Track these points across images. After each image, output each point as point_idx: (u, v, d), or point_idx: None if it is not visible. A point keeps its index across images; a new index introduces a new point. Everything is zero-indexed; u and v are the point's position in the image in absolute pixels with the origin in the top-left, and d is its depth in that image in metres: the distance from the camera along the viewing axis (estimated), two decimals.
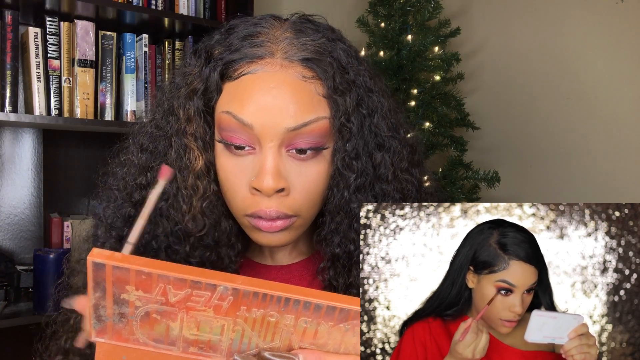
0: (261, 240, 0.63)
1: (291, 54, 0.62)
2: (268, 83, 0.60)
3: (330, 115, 0.62)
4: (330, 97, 0.62)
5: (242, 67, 0.62)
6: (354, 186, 0.65)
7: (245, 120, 0.60)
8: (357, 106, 0.64)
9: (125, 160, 0.69)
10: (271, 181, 0.59)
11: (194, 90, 0.64)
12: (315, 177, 0.63)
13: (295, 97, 0.60)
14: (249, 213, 0.61)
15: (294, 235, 0.64)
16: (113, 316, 0.44)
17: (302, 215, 0.63)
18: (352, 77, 0.65)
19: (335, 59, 0.64)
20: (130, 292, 0.43)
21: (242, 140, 0.61)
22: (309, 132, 0.61)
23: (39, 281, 1.44)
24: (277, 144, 0.60)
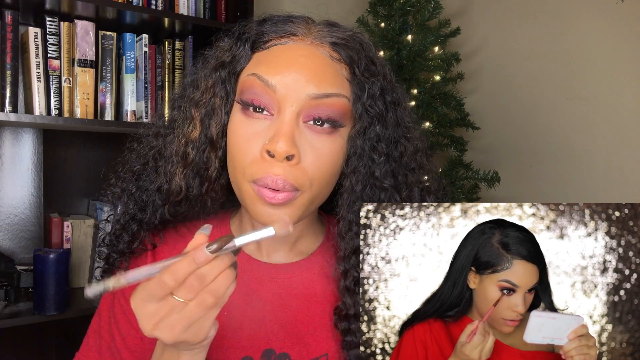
0: (262, 215, 0.62)
1: (321, 37, 0.65)
2: (298, 52, 0.63)
3: (351, 97, 0.64)
4: (355, 81, 0.65)
5: (274, 39, 0.65)
6: (379, 171, 0.66)
7: (270, 82, 0.62)
8: (382, 94, 0.67)
9: (145, 134, 0.74)
10: (284, 145, 0.59)
11: (222, 63, 0.67)
12: (328, 153, 0.63)
13: (322, 69, 0.63)
14: (256, 178, 0.61)
15: (294, 215, 0.63)
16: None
17: (306, 191, 0.62)
18: (378, 68, 0.68)
19: (363, 49, 0.67)
20: None
21: (263, 103, 0.62)
22: (329, 105, 0.62)
23: (39, 281, 1.44)
24: (297, 110, 0.61)
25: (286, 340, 0.68)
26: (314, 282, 0.71)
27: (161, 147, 0.71)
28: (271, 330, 0.68)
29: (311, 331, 0.69)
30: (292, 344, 0.68)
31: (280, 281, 0.71)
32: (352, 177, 0.66)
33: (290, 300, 0.70)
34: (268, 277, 0.71)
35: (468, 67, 2.21)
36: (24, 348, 1.69)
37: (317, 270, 0.72)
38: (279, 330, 0.68)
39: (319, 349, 0.68)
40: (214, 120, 0.66)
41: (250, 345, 0.68)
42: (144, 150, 0.73)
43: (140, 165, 0.72)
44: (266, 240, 0.72)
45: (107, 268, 0.72)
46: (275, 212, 0.62)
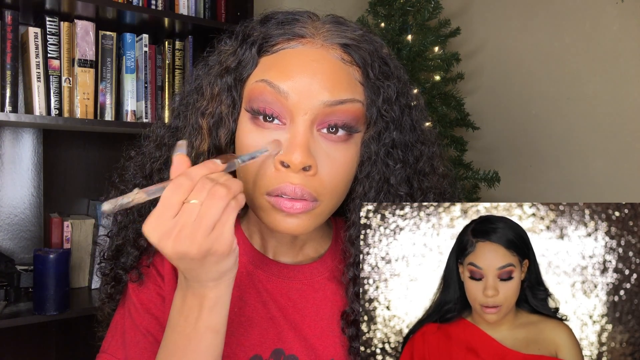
0: (278, 225, 0.60)
1: (331, 38, 0.62)
2: (309, 56, 0.60)
3: (365, 101, 0.62)
4: (369, 84, 0.62)
5: (282, 42, 0.61)
6: (394, 178, 0.64)
7: (281, 88, 0.58)
8: (398, 97, 0.64)
9: (146, 144, 0.71)
10: (300, 155, 0.57)
11: (227, 69, 0.64)
12: (344, 161, 0.61)
13: (334, 74, 0.59)
14: (271, 189, 0.59)
15: (311, 224, 0.61)
16: None
17: (324, 201, 0.61)
18: (392, 70, 0.65)
19: (375, 50, 0.64)
20: None
21: (275, 112, 0.59)
22: (343, 112, 0.59)
23: (39, 281, 1.44)
24: (310, 118, 0.59)
25: (295, 342, 0.67)
26: (324, 286, 0.70)
27: (167, 159, 0.67)
28: (281, 330, 0.67)
29: (318, 335, 0.68)
30: (301, 347, 0.67)
31: (290, 282, 0.70)
32: (365, 182, 0.64)
33: (299, 302, 0.69)
34: (279, 277, 0.70)
35: (468, 67, 2.21)
36: (24, 348, 1.69)
37: (327, 274, 0.71)
38: (288, 332, 0.67)
39: (326, 353, 0.67)
40: (222, 130, 0.64)
41: (260, 344, 0.66)
42: (145, 161, 0.70)
43: (142, 178, 0.69)
44: (273, 243, 0.71)
45: (114, 284, 0.70)
46: (293, 220, 0.60)
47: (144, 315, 0.67)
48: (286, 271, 0.70)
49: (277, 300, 0.69)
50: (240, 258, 0.71)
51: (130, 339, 0.66)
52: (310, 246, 0.73)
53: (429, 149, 0.68)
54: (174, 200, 0.49)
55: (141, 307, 0.67)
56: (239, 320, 0.67)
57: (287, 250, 0.71)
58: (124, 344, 0.66)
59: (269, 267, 0.70)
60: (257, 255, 0.71)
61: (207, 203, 0.48)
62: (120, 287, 0.70)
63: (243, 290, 0.69)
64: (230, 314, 0.68)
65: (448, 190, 0.70)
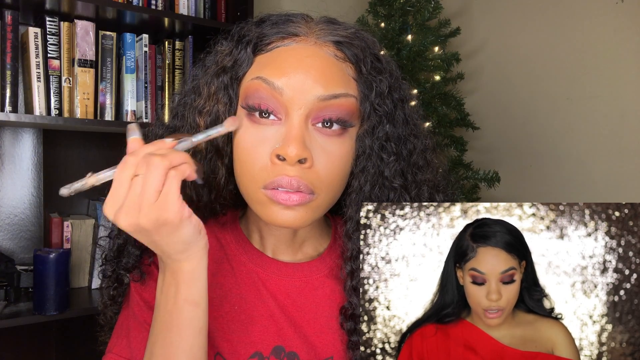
0: (276, 218, 0.61)
1: (324, 36, 0.64)
2: (302, 53, 0.62)
3: (358, 96, 0.63)
4: (362, 79, 0.63)
5: (276, 41, 0.64)
6: (388, 171, 0.65)
7: (276, 84, 0.60)
8: (390, 92, 0.66)
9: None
10: (295, 148, 0.58)
11: (223, 68, 0.66)
12: (339, 155, 0.62)
13: (327, 69, 0.61)
14: (268, 182, 0.60)
15: (308, 217, 0.62)
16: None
17: (321, 195, 0.61)
18: (384, 65, 0.67)
19: (368, 46, 0.66)
20: None
21: (270, 107, 0.61)
22: (337, 106, 0.61)
23: (39, 281, 1.44)
24: (305, 113, 0.60)
25: (295, 339, 0.68)
26: (323, 284, 0.71)
27: None
28: (281, 328, 0.68)
29: (318, 332, 0.69)
30: (300, 344, 0.68)
31: (289, 280, 0.70)
32: (361, 177, 0.65)
33: (298, 300, 0.70)
34: (278, 275, 0.70)
35: (468, 67, 2.21)
36: (24, 348, 1.69)
37: (326, 271, 0.72)
38: (288, 329, 0.68)
39: (325, 351, 0.68)
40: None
41: (260, 341, 0.67)
42: None
43: None
44: (272, 241, 0.72)
45: (116, 286, 0.71)
46: (290, 212, 0.61)
47: (147, 312, 0.68)
48: (285, 269, 0.71)
49: (276, 298, 0.69)
50: (240, 257, 0.72)
51: (135, 336, 0.68)
52: (309, 245, 0.73)
53: (422, 142, 0.69)
54: (122, 178, 0.52)
55: (145, 305, 0.69)
56: (239, 318, 0.68)
57: (286, 249, 0.72)
58: (129, 343, 0.68)
59: (268, 265, 0.71)
60: (256, 253, 0.72)
61: (146, 174, 0.51)
62: (122, 289, 0.71)
63: (243, 288, 0.70)
64: (231, 312, 0.68)
65: (442, 182, 0.71)
